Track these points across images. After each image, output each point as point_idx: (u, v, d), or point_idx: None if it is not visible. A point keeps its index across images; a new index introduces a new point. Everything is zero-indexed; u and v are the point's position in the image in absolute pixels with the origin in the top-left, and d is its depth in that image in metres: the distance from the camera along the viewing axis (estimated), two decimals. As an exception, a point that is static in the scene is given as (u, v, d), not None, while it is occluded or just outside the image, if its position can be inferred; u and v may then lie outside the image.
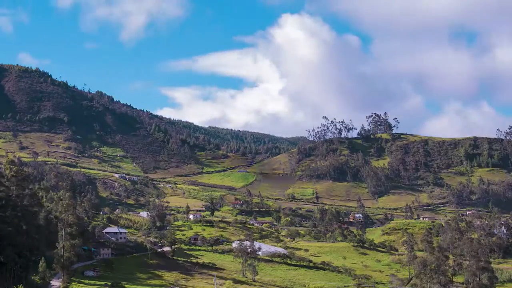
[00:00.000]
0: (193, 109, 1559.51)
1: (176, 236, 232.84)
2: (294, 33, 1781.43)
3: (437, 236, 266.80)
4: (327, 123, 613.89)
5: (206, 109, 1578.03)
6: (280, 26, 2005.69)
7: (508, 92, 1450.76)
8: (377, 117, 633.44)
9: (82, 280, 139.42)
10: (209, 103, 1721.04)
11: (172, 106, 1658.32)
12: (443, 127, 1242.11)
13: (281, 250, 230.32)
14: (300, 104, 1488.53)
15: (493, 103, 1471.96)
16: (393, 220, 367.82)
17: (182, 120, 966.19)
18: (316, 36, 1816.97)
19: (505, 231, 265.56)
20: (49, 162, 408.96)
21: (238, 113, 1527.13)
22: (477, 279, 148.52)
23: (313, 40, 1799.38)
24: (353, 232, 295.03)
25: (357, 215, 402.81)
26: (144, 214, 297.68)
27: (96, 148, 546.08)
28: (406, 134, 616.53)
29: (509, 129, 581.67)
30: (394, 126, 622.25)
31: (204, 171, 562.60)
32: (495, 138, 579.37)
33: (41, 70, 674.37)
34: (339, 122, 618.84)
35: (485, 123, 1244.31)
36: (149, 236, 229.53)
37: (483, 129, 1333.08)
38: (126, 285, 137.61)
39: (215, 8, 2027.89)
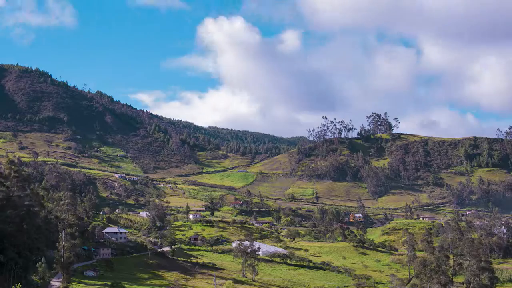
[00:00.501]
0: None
1: (176, 236, 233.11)
2: (220, 37, 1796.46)
3: (437, 236, 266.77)
4: (327, 123, 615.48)
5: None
6: (204, 31, 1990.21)
7: (442, 89, 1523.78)
8: (377, 117, 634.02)
9: (82, 280, 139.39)
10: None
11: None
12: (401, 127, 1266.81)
13: (281, 250, 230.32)
14: (250, 105, 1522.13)
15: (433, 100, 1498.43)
16: (393, 220, 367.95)
17: (182, 120, 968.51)
18: (245, 39, 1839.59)
19: (505, 231, 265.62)
20: (49, 162, 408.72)
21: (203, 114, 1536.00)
22: (478, 279, 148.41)
23: (243, 42, 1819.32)
24: (353, 232, 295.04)
25: (357, 215, 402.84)
26: (144, 214, 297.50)
27: (96, 148, 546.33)
28: (406, 134, 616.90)
29: (509, 129, 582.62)
30: (394, 126, 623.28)
31: (204, 171, 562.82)
32: (495, 138, 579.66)
33: (41, 70, 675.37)
34: (339, 122, 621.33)
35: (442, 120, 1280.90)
36: (149, 236, 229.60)
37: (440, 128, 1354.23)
38: (126, 285, 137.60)
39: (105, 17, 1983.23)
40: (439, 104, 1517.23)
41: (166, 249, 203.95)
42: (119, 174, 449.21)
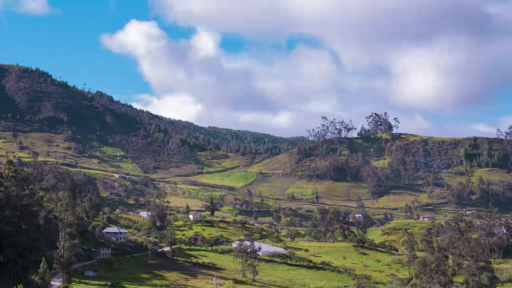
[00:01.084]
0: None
1: (176, 236, 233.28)
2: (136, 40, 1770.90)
3: (437, 236, 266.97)
4: (327, 123, 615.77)
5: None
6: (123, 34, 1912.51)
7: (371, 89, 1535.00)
8: (377, 117, 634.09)
9: (82, 280, 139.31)
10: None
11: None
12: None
13: (281, 250, 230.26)
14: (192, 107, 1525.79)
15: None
16: (393, 220, 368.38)
17: (182, 120, 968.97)
18: (155, 41, 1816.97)
19: (505, 231, 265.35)
20: (49, 162, 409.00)
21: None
22: (477, 279, 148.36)
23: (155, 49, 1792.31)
24: (353, 232, 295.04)
25: (357, 215, 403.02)
26: (144, 214, 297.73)
27: (96, 148, 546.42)
28: (406, 134, 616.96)
29: (509, 129, 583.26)
30: (394, 126, 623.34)
31: (204, 171, 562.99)
32: (495, 138, 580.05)
33: (41, 70, 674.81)
34: (339, 122, 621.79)
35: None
36: (149, 236, 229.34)
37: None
38: (126, 285, 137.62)
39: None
40: (379, 103, 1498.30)
41: (166, 249, 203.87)
42: (119, 174, 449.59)
